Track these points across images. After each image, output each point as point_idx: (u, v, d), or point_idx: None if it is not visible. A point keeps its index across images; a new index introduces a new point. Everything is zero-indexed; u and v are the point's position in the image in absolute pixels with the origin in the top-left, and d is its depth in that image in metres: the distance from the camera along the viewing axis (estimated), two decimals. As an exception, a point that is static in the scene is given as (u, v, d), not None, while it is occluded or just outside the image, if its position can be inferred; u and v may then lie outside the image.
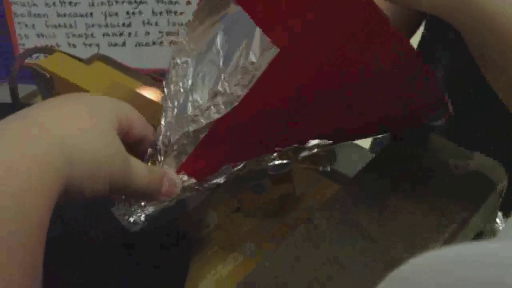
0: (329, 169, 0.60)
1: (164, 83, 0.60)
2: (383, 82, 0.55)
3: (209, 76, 0.56)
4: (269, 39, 0.53)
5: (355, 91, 0.55)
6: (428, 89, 0.56)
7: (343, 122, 0.58)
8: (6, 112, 0.47)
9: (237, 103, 0.55)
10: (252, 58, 0.54)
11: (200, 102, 0.56)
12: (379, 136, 0.61)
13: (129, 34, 1.07)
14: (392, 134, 0.63)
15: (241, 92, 0.54)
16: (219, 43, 0.56)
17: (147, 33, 1.06)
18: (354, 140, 0.62)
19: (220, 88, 0.55)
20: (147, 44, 1.07)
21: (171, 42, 1.07)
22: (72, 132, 0.47)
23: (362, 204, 0.60)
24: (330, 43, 0.53)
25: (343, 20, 0.52)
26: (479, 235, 0.64)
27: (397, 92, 0.56)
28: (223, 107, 0.55)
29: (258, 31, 0.54)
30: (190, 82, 0.58)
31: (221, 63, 0.56)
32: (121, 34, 1.07)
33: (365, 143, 0.75)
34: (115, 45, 1.08)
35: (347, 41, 0.53)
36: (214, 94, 0.55)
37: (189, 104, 0.56)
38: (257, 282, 0.55)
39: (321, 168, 0.60)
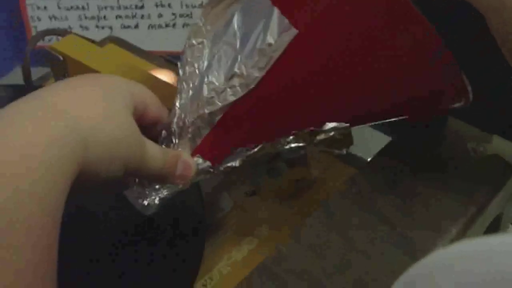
0: (345, 153, 0.59)
1: (179, 64, 0.59)
2: (403, 64, 0.54)
3: (226, 58, 0.55)
4: (288, 20, 0.52)
5: (374, 73, 0.55)
6: (448, 71, 0.55)
7: (361, 105, 0.57)
8: (19, 95, 0.46)
9: (253, 86, 0.54)
10: (270, 39, 0.53)
11: (216, 84, 0.55)
12: (397, 119, 0.60)
13: (142, 16, 1.06)
14: (410, 117, 0.62)
15: (258, 74, 0.54)
16: (236, 24, 0.55)
17: (160, 15, 1.06)
18: (372, 123, 0.61)
19: (236, 70, 0.54)
20: (160, 26, 1.07)
21: (184, 24, 1.06)
22: (86, 114, 0.47)
23: (379, 189, 0.60)
24: (350, 24, 0.52)
25: (364, 1, 0.51)
26: (497, 219, 0.64)
27: (417, 74, 0.55)
28: (239, 89, 0.54)
29: (276, 11, 0.53)
30: (205, 63, 0.57)
31: (238, 45, 0.55)
32: (133, 16, 1.06)
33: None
34: (128, 27, 1.07)
35: (368, 22, 0.52)
36: (231, 76, 0.54)
37: (205, 86, 0.55)
38: (275, 268, 0.55)
39: (336, 152, 0.59)
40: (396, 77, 0.55)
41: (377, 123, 0.61)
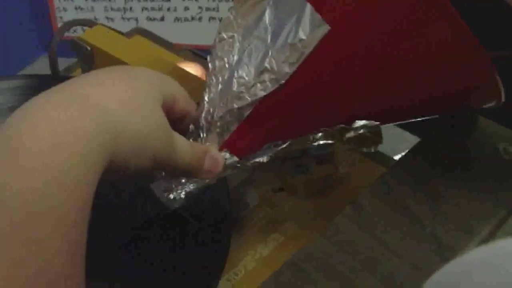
0: (373, 151, 0.59)
1: (208, 58, 0.58)
2: (433, 60, 0.53)
3: (256, 53, 0.55)
4: (320, 15, 0.52)
5: (403, 68, 0.54)
6: (481, 70, 0.54)
7: (390, 102, 0.57)
8: (47, 84, 0.46)
9: (284, 81, 0.53)
10: (302, 35, 0.52)
11: (246, 78, 0.55)
12: (427, 118, 0.60)
13: (168, 9, 1.06)
14: (440, 116, 0.61)
15: (288, 70, 0.53)
16: (267, 18, 0.55)
17: (187, 8, 1.05)
18: (401, 121, 0.61)
19: (267, 65, 0.54)
20: (186, 20, 1.06)
21: (210, 18, 1.05)
22: (116, 106, 0.46)
23: (409, 187, 0.60)
24: (383, 20, 0.52)
25: None
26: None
27: (447, 71, 0.55)
28: (269, 85, 0.54)
29: (308, 7, 0.52)
30: (235, 58, 0.56)
31: (269, 40, 0.54)
32: (160, 9, 1.06)
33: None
34: (154, 19, 1.07)
35: (398, 15, 0.51)
36: (261, 71, 0.54)
37: (235, 80, 0.55)
38: (303, 264, 0.54)
39: (365, 149, 0.58)
40: (425, 73, 0.54)
41: (406, 121, 0.60)
